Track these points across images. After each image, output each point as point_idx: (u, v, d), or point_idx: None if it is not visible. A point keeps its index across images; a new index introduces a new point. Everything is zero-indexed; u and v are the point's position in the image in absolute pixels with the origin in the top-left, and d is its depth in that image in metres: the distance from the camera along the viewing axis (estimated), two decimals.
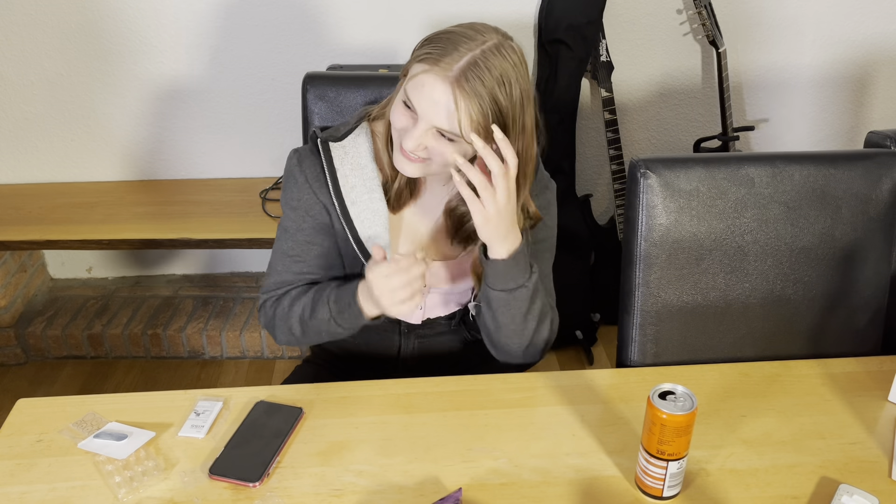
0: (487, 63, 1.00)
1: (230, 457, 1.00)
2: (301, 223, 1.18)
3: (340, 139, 1.17)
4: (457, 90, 0.99)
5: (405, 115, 1.05)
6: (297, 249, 1.19)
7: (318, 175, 1.16)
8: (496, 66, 1.00)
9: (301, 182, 1.17)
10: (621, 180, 2.19)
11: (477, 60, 0.99)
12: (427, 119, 1.02)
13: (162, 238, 1.98)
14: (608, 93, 2.13)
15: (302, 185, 1.17)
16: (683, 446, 0.92)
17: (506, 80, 1.01)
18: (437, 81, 1.00)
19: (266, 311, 1.22)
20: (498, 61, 1.00)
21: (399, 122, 1.06)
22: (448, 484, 0.98)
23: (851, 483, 0.97)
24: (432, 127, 1.02)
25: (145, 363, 2.35)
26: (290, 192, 1.19)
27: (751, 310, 1.30)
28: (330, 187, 1.15)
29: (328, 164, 1.15)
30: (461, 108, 0.99)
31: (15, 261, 2.35)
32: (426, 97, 1.01)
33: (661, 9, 2.14)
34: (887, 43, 2.25)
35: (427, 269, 1.07)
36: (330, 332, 1.16)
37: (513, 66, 1.02)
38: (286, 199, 1.20)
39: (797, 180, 1.26)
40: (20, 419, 1.08)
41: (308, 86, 1.46)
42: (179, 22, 2.09)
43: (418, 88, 1.01)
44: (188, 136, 2.25)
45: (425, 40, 1.04)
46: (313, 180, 1.16)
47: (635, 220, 1.25)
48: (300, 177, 1.17)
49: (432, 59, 1.00)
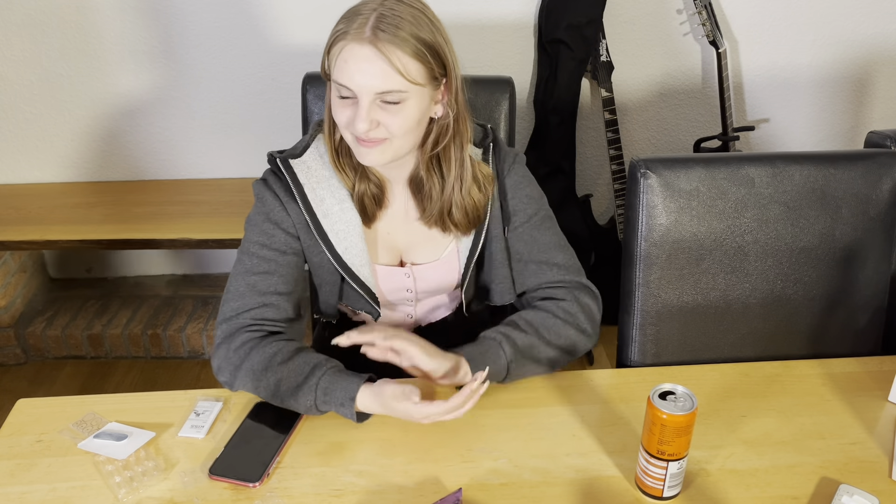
0: (395, 11, 0.99)
1: (230, 457, 1.00)
2: (270, 238, 1.13)
3: (299, 155, 1.14)
4: (378, 46, 0.97)
5: (345, 105, 1.03)
6: (265, 266, 1.13)
7: (286, 192, 1.13)
8: (404, 11, 1.00)
9: (270, 199, 1.13)
10: (621, 180, 2.19)
11: (383, 13, 0.99)
12: (366, 90, 0.99)
13: (162, 238, 1.98)
14: (608, 93, 2.13)
15: (272, 202, 1.13)
16: (683, 446, 0.92)
17: (419, 18, 1.00)
18: (356, 48, 0.98)
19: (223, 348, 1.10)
20: (403, 7, 1.00)
21: (343, 116, 1.04)
22: (448, 484, 0.98)
23: (851, 483, 0.97)
24: (374, 96, 1.00)
25: (145, 363, 2.35)
26: (258, 209, 1.15)
27: (751, 310, 1.30)
28: (299, 202, 1.12)
29: (293, 180, 1.12)
30: (392, 60, 0.98)
31: (15, 261, 2.35)
32: (354, 69, 0.99)
33: (661, 9, 2.14)
34: (887, 43, 2.25)
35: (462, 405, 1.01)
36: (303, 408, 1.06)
37: (420, 10, 1.02)
38: (254, 219, 1.15)
39: (797, 180, 1.26)
40: (20, 419, 1.08)
41: (308, 86, 1.46)
42: (179, 22, 2.09)
43: (342, 68, 0.99)
44: (188, 136, 2.25)
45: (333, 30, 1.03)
46: (284, 197, 1.13)
47: (635, 220, 1.25)
48: (268, 195, 1.13)
49: (343, 33, 0.99)
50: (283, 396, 1.05)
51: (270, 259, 1.13)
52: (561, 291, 1.18)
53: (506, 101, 1.45)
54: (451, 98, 1.07)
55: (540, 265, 1.19)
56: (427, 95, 1.04)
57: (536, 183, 1.22)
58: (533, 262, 1.19)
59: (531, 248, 1.19)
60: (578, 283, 1.19)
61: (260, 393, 1.08)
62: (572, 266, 1.20)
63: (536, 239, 1.19)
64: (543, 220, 1.20)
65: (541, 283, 1.19)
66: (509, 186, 1.19)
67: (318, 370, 1.05)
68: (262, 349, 1.08)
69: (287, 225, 1.14)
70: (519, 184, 1.19)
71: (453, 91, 1.07)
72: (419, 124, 1.06)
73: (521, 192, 1.19)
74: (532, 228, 1.19)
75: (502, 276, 1.22)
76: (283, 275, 1.14)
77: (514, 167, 1.19)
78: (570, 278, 1.19)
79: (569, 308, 1.16)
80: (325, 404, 1.04)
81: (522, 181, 1.20)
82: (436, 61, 1.02)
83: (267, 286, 1.12)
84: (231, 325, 1.11)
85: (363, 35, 0.98)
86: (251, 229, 1.15)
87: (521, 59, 2.16)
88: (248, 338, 1.09)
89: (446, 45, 1.04)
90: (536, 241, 1.19)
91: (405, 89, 1.00)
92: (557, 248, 1.20)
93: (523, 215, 1.19)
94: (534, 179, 1.22)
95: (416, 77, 1.00)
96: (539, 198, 1.21)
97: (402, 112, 1.02)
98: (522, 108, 2.21)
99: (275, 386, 1.06)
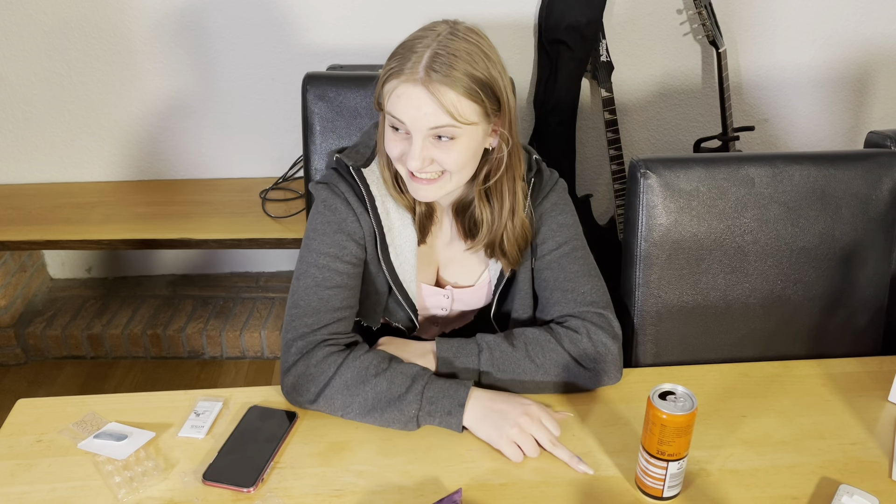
0: (448, 49, 0.98)
1: (224, 462, 0.99)
2: (343, 250, 1.10)
3: (367, 164, 1.13)
4: (430, 87, 0.98)
5: (399, 139, 1.03)
6: (338, 279, 1.10)
7: (358, 201, 1.11)
8: (458, 48, 0.99)
9: (342, 207, 1.11)
10: (621, 180, 2.19)
11: (437, 52, 0.98)
12: (419, 127, 1.00)
13: (162, 238, 1.98)
14: (608, 93, 2.13)
15: (344, 211, 1.11)
16: (683, 446, 0.92)
17: (474, 55, 1.00)
18: (409, 87, 0.98)
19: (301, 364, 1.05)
20: (458, 44, 0.99)
21: (396, 150, 1.04)
22: (448, 484, 0.97)
23: (851, 483, 0.97)
24: (427, 133, 1.00)
25: (145, 363, 2.35)
26: (327, 217, 1.11)
27: (751, 310, 1.30)
28: (370, 213, 1.11)
29: (366, 190, 1.11)
30: (444, 100, 0.98)
31: (15, 261, 2.35)
32: (408, 106, 0.99)
33: (661, 9, 2.14)
34: (887, 43, 2.25)
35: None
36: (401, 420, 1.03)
37: (476, 44, 1.01)
38: (322, 228, 1.11)
39: (797, 180, 1.26)
40: (20, 419, 1.08)
41: (308, 86, 1.46)
42: (179, 22, 2.08)
43: (396, 103, 1.00)
44: (188, 136, 2.25)
45: (386, 62, 1.03)
46: (357, 206, 1.11)
47: (635, 220, 1.25)
48: (339, 203, 1.11)
49: (396, 72, 0.99)
50: (382, 409, 1.03)
51: (343, 272, 1.11)
52: (576, 322, 1.12)
53: None
54: (504, 131, 1.07)
55: (564, 293, 1.15)
56: (481, 131, 1.04)
57: (572, 209, 1.20)
58: (558, 291, 1.16)
59: (557, 276, 1.16)
60: (599, 315, 1.13)
61: (351, 409, 1.04)
62: (598, 299, 1.14)
63: (564, 267, 1.16)
64: (574, 248, 1.17)
65: (562, 314, 1.15)
66: (541, 214, 1.17)
67: (420, 379, 1.04)
68: (351, 363, 1.05)
69: (359, 236, 1.12)
70: (551, 211, 1.18)
71: (507, 125, 1.06)
72: (474, 157, 1.06)
73: (553, 220, 1.18)
74: (561, 256, 1.16)
75: (525, 305, 1.22)
76: (352, 287, 1.12)
77: (549, 195, 1.18)
78: (590, 310, 1.13)
79: (576, 340, 1.10)
80: (429, 415, 1.03)
81: (555, 208, 1.18)
82: (489, 99, 1.02)
83: (340, 301, 1.10)
84: (307, 341, 1.07)
85: (416, 75, 0.98)
86: (320, 239, 1.11)
87: (521, 59, 2.16)
88: (330, 352, 1.06)
89: (501, 79, 1.03)
90: (564, 270, 1.16)
91: (458, 127, 1.00)
92: (585, 278, 1.15)
93: (553, 243, 1.17)
94: (570, 206, 1.20)
95: (468, 116, 1.00)
96: (572, 225, 1.18)
97: (456, 148, 1.02)
98: (522, 108, 2.21)
99: (373, 399, 1.03)
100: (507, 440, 1.00)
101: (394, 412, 1.03)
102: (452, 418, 1.02)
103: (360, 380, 1.04)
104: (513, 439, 1.00)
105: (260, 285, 2.51)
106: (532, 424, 1.01)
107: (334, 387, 1.04)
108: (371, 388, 1.03)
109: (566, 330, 1.12)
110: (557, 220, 1.18)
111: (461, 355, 1.09)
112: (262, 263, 2.54)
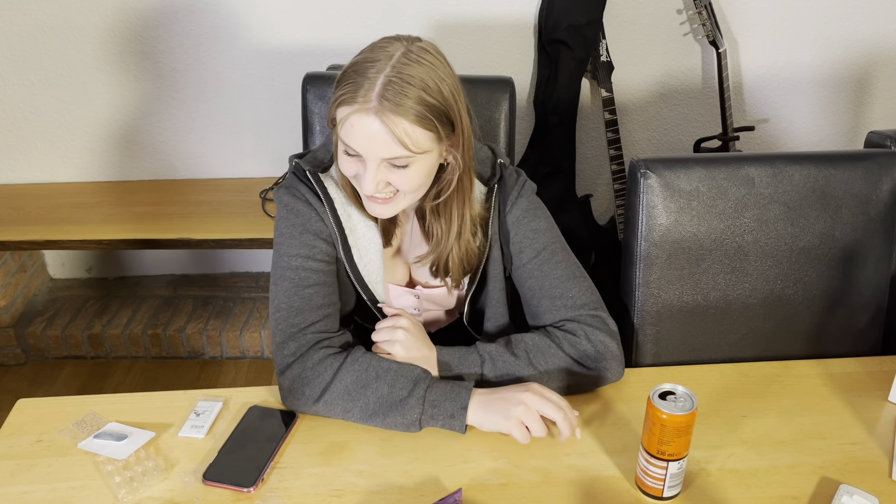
0: (402, 75, 0.96)
1: (224, 462, 0.99)
2: (313, 249, 1.10)
3: (327, 168, 1.12)
4: (383, 117, 0.95)
5: (351, 162, 1.02)
6: (315, 277, 1.09)
7: (317, 201, 1.11)
8: (412, 74, 0.96)
9: (304, 209, 1.10)
10: (621, 180, 2.19)
11: (391, 79, 0.95)
12: (372, 156, 0.98)
13: (162, 238, 1.97)
14: (608, 93, 2.13)
15: (306, 212, 1.10)
16: (683, 446, 0.92)
17: (428, 82, 0.97)
18: (362, 117, 0.96)
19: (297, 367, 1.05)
20: (412, 69, 0.96)
21: (349, 171, 1.03)
22: (448, 484, 0.97)
23: (851, 483, 0.97)
24: (381, 161, 0.99)
25: (145, 363, 2.35)
26: (291, 220, 1.11)
27: (751, 310, 1.30)
28: (331, 217, 1.10)
29: (324, 194, 1.10)
30: (397, 130, 0.96)
31: (15, 261, 2.35)
32: (359, 136, 0.97)
33: (661, 9, 2.14)
34: (887, 43, 2.25)
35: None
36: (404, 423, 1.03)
37: (431, 66, 0.98)
38: (288, 231, 1.10)
39: (797, 180, 1.26)
40: (20, 419, 1.08)
41: (308, 86, 1.46)
42: (179, 22, 2.09)
43: (349, 132, 0.98)
44: (188, 136, 2.25)
45: (337, 81, 1.00)
46: (317, 205, 1.11)
47: (635, 220, 1.25)
48: (300, 205, 1.10)
49: (348, 99, 0.97)
50: (384, 413, 1.02)
51: (318, 270, 1.10)
52: (573, 326, 1.12)
53: (506, 101, 1.44)
54: (457, 154, 1.06)
55: (553, 300, 1.14)
56: (435, 153, 1.03)
57: (545, 212, 1.17)
58: (546, 298, 1.14)
59: (542, 284, 1.14)
60: (594, 317, 1.12)
61: (353, 414, 1.04)
62: (589, 300, 1.13)
63: (547, 274, 1.14)
64: (553, 253, 1.15)
65: (555, 320, 1.14)
66: (511, 224, 1.15)
67: (421, 382, 1.03)
68: (350, 366, 1.04)
69: (326, 234, 1.11)
70: (522, 219, 1.15)
71: (461, 148, 1.05)
72: (428, 177, 1.05)
73: (525, 228, 1.15)
74: (542, 264, 1.14)
75: (498, 314, 1.22)
76: (331, 284, 1.11)
77: (517, 202, 1.15)
78: (584, 313, 1.12)
79: (575, 343, 1.10)
80: (431, 418, 1.02)
81: (526, 215, 1.15)
82: (443, 124, 1.00)
83: (322, 298, 1.09)
84: (300, 342, 1.06)
85: (368, 104, 0.96)
86: (288, 242, 1.10)
87: (521, 59, 2.16)
88: (326, 354, 1.05)
89: (456, 102, 1.01)
90: (547, 276, 1.14)
91: (411, 155, 0.99)
92: (571, 281, 1.14)
93: (531, 251, 1.15)
94: (541, 209, 1.17)
95: (422, 145, 0.99)
96: (546, 230, 1.16)
97: (410, 172, 1.01)
98: (522, 108, 2.21)
99: (374, 403, 1.02)
100: (516, 421, 1.00)
101: (396, 416, 1.02)
102: (456, 421, 1.02)
103: (360, 384, 1.03)
104: (520, 419, 1.00)
105: (260, 285, 2.51)
106: (536, 398, 1.01)
107: (334, 392, 1.03)
108: (372, 393, 1.02)
109: (564, 333, 1.11)
110: (531, 226, 1.15)
111: (464, 365, 1.08)
112: (262, 263, 2.54)
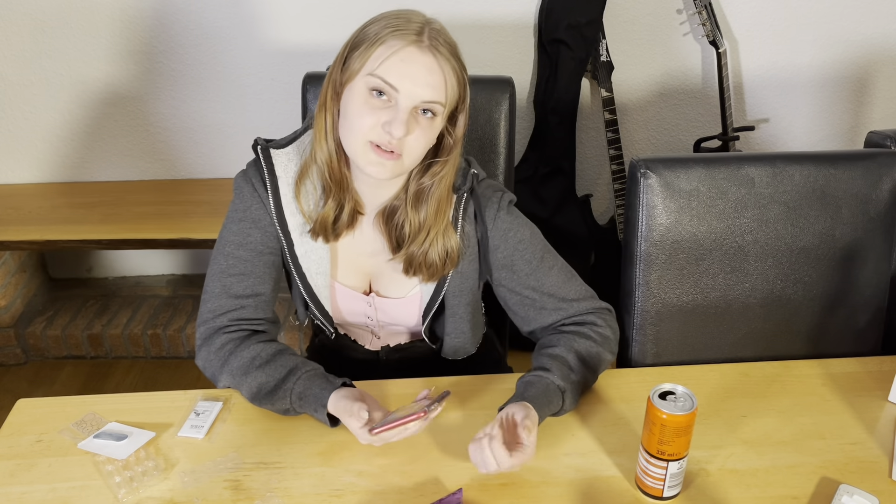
0: (441, 29, 0.99)
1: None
2: (246, 237, 1.09)
3: (284, 146, 1.08)
4: (437, 55, 0.96)
5: (376, 108, 0.96)
6: (240, 267, 1.09)
7: (264, 186, 1.08)
8: (447, 34, 0.99)
9: (248, 194, 1.08)
10: (621, 180, 2.19)
11: (434, 28, 0.97)
12: (413, 94, 0.95)
13: (162, 238, 1.98)
14: (608, 93, 2.13)
15: (249, 197, 1.08)
16: (683, 446, 0.92)
17: (455, 44, 1.00)
18: (414, 51, 0.94)
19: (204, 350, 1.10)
20: (445, 31, 1.00)
21: (369, 119, 0.96)
22: (448, 484, 0.97)
23: (851, 483, 0.97)
24: (417, 104, 0.96)
25: (145, 363, 2.35)
26: (235, 205, 1.10)
27: (751, 310, 1.30)
28: (271, 197, 1.07)
29: (269, 172, 1.06)
30: (446, 71, 0.96)
31: (15, 261, 2.35)
32: (410, 70, 0.94)
33: (661, 9, 2.14)
34: (887, 43, 2.25)
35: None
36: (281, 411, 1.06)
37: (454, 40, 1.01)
38: (231, 216, 1.10)
39: (797, 180, 1.26)
40: (20, 419, 1.08)
41: (308, 86, 1.46)
42: (179, 22, 2.09)
43: (395, 66, 0.94)
44: (188, 136, 2.25)
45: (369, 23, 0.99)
46: (262, 191, 1.08)
47: (635, 220, 1.25)
48: (246, 189, 1.09)
49: (395, 33, 0.94)
50: (262, 400, 1.06)
51: (246, 260, 1.10)
52: (591, 317, 1.15)
53: (506, 101, 1.44)
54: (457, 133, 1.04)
55: (558, 302, 1.14)
56: (440, 124, 1.01)
57: (526, 220, 1.15)
58: (550, 301, 1.14)
59: (541, 290, 1.14)
60: (599, 308, 1.17)
61: (243, 394, 1.08)
62: (587, 294, 1.17)
63: (544, 282, 1.14)
64: (543, 259, 1.14)
65: (561, 319, 1.15)
66: (497, 239, 1.11)
67: (293, 375, 1.05)
68: (240, 353, 1.08)
69: (265, 223, 1.09)
70: (508, 232, 1.11)
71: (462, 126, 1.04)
72: (427, 147, 1.02)
73: (512, 241, 1.12)
74: (538, 272, 1.14)
75: (459, 330, 1.20)
76: (259, 275, 1.11)
77: (498, 215, 1.10)
78: (589, 306, 1.16)
79: (604, 333, 1.14)
80: (301, 408, 1.05)
81: (511, 227, 1.12)
82: (462, 90, 1.01)
83: (242, 289, 1.10)
84: (208, 327, 1.10)
85: (422, 42, 0.95)
86: (228, 227, 1.11)
87: (521, 59, 2.16)
88: (227, 339, 1.09)
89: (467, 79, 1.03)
90: (544, 283, 1.14)
91: (444, 105, 0.98)
92: (568, 282, 1.15)
93: (525, 263, 1.13)
94: (521, 218, 1.14)
95: (450, 99, 0.99)
96: (531, 237, 1.14)
97: (421, 131, 0.98)
98: (522, 108, 2.21)
99: (256, 389, 1.06)
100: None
101: (273, 403, 1.06)
102: (318, 415, 1.04)
103: (244, 371, 1.07)
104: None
105: None
106: (363, 440, 0.99)
107: (226, 374, 1.08)
108: (253, 379, 1.06)
109: (589, 327, 1.14)
110: (517, 237, 1.12)
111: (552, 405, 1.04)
112: None
